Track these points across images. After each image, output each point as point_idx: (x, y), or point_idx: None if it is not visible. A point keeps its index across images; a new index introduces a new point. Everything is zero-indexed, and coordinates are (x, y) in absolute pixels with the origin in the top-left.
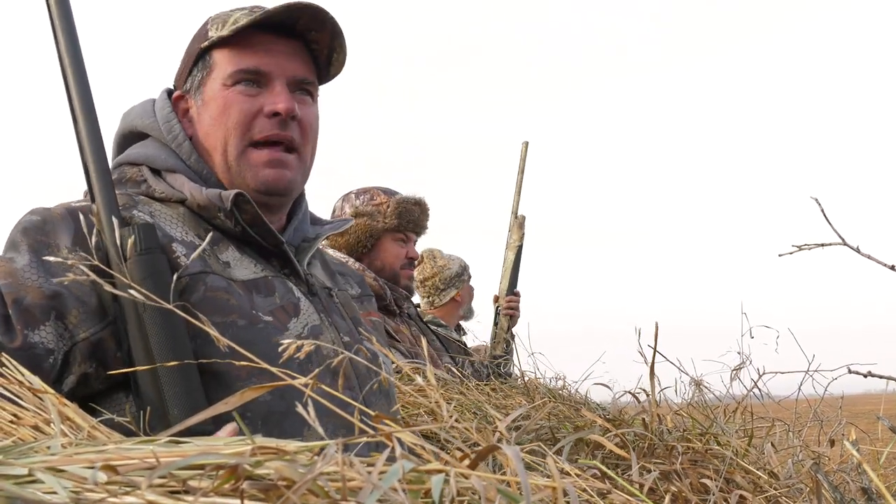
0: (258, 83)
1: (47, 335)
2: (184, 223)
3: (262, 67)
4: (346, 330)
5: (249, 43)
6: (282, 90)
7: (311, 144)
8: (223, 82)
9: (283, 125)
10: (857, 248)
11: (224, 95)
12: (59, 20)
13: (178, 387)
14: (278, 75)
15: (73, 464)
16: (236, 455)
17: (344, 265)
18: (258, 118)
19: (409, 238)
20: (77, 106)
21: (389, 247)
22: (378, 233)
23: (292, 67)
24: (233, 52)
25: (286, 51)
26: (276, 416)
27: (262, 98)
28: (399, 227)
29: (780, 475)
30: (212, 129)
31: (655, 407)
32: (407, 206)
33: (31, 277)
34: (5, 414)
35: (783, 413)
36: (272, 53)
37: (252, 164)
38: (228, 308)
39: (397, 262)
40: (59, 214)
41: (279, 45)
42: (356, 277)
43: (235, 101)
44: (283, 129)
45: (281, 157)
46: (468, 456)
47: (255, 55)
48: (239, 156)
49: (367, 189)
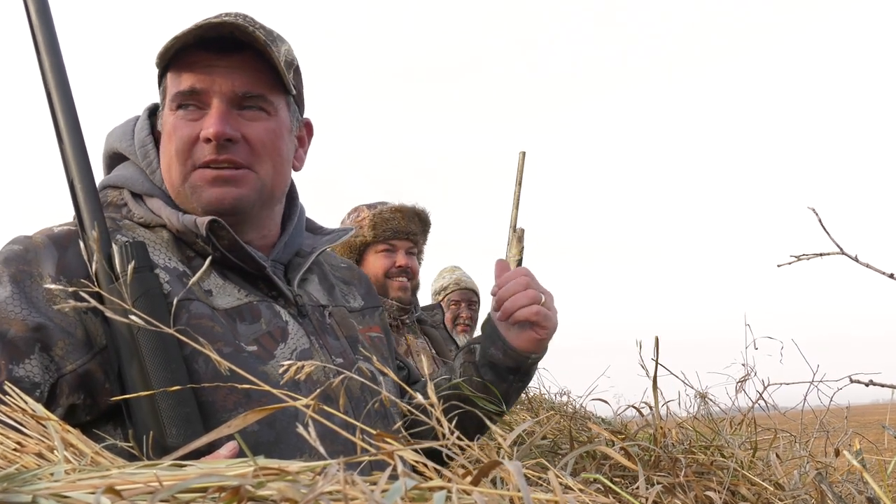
0: (199, 105)
1: (32, 368)
2: (167, 249)
3: (197, 86)
4: (339, 351)
5: (189, 62)
6: (216, 112)
7: (269, 159)
8: (169, 107)
9: (219, 149)
10: (856, 256)
11: (170, 121)
12: (42, 34)
13: (177, 409)
14: (215, 93)
15: (77, 489)
16: (239, 476)
17: (350, 270)
18: (197, 143)
19: (395, 247)
20: (62, 125)
21: (372, 259)
22: (359, 248)
23: (231, 84)
24: (174, 75)
25: (228, 66)
26: (264, 446)
27: (202, 121)
28: (377, 237)
29: (786, 486)
30: (162, 155)
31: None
32: (383, 217)
33: (13, 310)
34: (9, 442)
35: (789, 424)
36: (210, 71)
37: (196, 186)
38: (213, 335)
39: (381, 272)
40: (40, 243)
41: (221, 61)
42: (363, 285)
43: (176, 128)
44: (220, 153)
45: (225, 175)
46: (470, 473)
47: (191, 75)
48: (183, 180)
49: (357, 207)
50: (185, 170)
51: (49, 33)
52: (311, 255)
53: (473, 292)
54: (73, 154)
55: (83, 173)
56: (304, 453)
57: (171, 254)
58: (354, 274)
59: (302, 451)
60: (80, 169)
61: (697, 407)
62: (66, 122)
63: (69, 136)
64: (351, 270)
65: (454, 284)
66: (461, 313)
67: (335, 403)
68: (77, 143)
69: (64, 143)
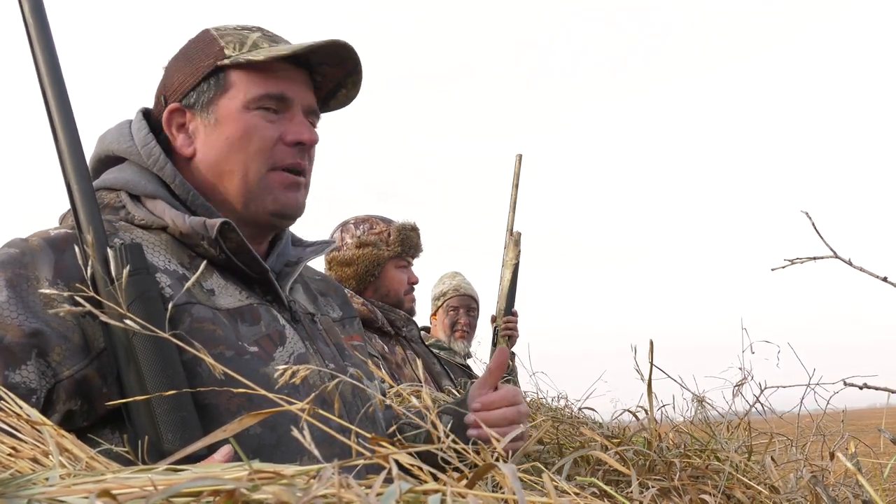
0: (278, 110)
1: (29, 374)
2: (167, 251)
3: (287, 94)
4: (330, 357)
5: (271, 68)
6: (302, 119)
7: (311, 171)
8: (244, 105)
9: (302, 154)
10: (849, 260)
11: (245, 118)
12: (37, 35)
13: (173, 414)
14: (298, 103)
15: (72, 494)
16: (234, 480)
17: (325, 282)
18: (278, 145)
19: (409, 264)
20: (58, 126)
21: (393, 274)
22: (384, 261)
23: (308, 97)
24: (255, 76)
25: (302, 80)
26: (266, 449)
27: (281, 125)
28: (402, 253)
29: (782, 490)
30: (228, 152)
31: (654, 423)
32: (407, 233)
33: (10, 315)
34: (3, 447)
35: (786, 428)
36: (293, 81)
37: (272, 188)
38: (215, 339)
39: (402, 288)
40: (37, 245)
41: (297, 73)
42: (338, 296)
43: (258, 127)
44: (303, 158)
45: (301, 182)
46: (465, 476)
47: (279, 82)
48: (260, 180)
49: (364, 218)
50: (263, 169)
51: (44, 34)
52: (299, 264)
53: (473, 299)
54: (69, 156)
55: (80, 175)
56: (305, 456)
57: (172, 256)
58: (330, 286)
59: (303, 453)
60: (77, 171)
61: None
62: (62, 124)
63: (65, 137)
64: (326, 282)
65: (453, 290)
66: (460, 319)
67: (331, 408)
68: (73, 144)
69: (60, 145)
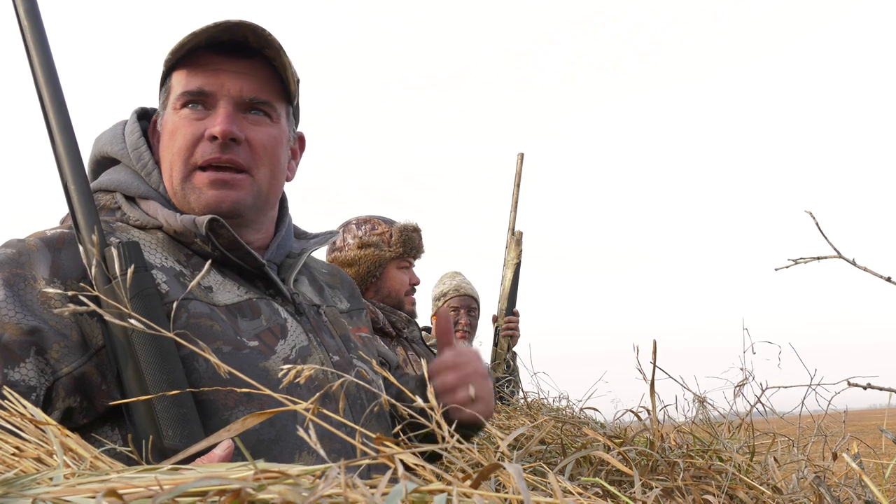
0: (205, 105)
1: (28, 372)
2: (163, 249)
3: (206, 88)
4: (335, 349)
5: (198, 63)
6: (223, 112)
7: (268, 164)
8: (174, 105)
9: (223, 148)
10: (853, 260)
11: (173, 119)
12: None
13: (172, 410)
14: (223, 96)
15: (77, 494)
16: (239, 479)
17: (333, 274)
18: (201, 142)
19: (410, 265)
20: (55, 128)
21: (395, 274)
22: (385, 262)
23: (239, 87)
24: (182, 74)
25: (237, 70)
26: (265, 444)
27: (207, 121)
28: (404, 254)
29: (784, 490)
30: (163, 154)
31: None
32: (408, 234)
33: (7, 313)
34: (7, 447)
35: (788, 428)
36: (218, 73)
37: (195, 187)
38: (212, 335)
39: (403, 289)
40: (34, 245)
41: (229, 64)
42: (346, 288)
43: (181, 125)
44: (223, 152)
45: (225, 178)
46: (470, 476)
47: (200, 76)
48: (183, 180)
49: (366, 219)
50: (186, 169)
51: (39, 34)
52: (302, 255)
53: (473, 299)
54: (66, 156)
55: (77, 176)
56: (303, 451)
57: (168, 254)
58: (338, 278)
59: (301, 448)
60: (74, 171)
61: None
62: (59, 124)
63: (62, 138)
64: (333, 275)
65: (454, 291)
66: (460, 320)
67: (334, 402)
68: (70, 145)
69: (57, 146)
